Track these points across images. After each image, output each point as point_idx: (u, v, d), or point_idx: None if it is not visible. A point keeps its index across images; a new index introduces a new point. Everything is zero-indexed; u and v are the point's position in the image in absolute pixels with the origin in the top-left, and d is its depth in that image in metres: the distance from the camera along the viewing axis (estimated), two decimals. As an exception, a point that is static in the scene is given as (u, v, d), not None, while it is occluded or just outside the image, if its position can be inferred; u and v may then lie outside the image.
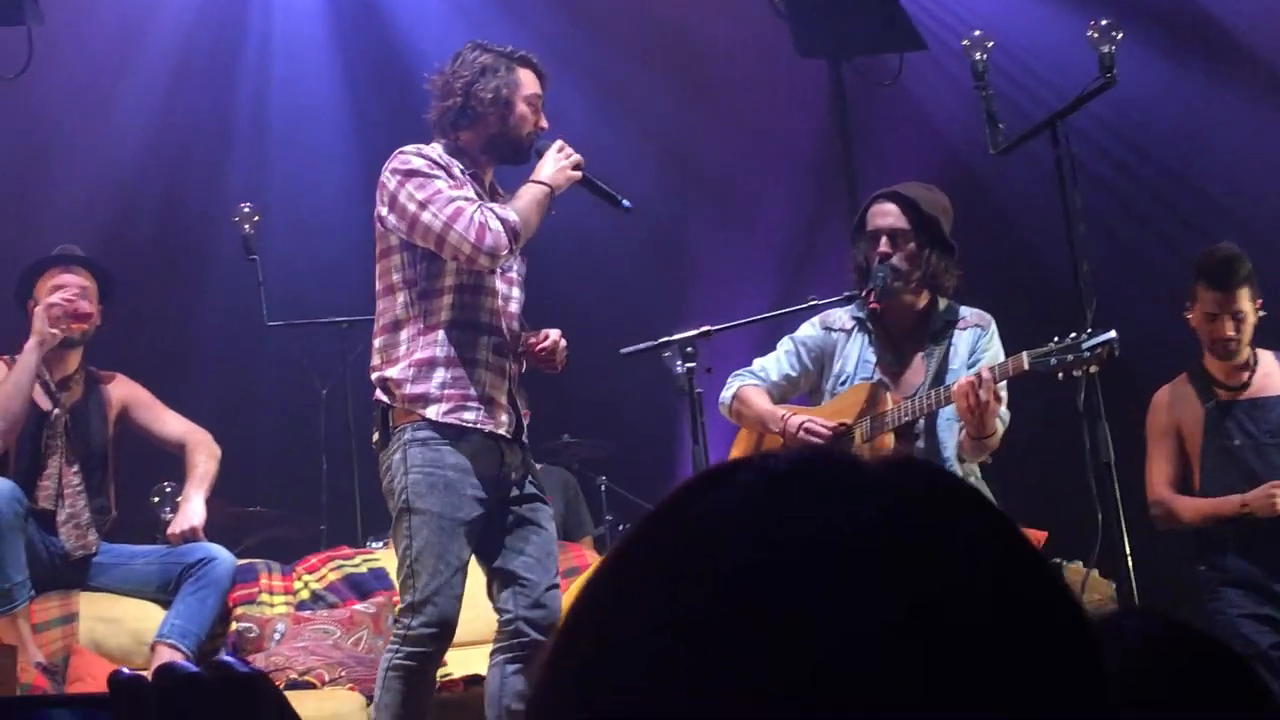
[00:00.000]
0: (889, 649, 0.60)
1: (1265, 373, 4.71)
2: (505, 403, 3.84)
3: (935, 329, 4.23)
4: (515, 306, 3.94)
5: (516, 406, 3.88)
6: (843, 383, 4.27)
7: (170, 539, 4.83)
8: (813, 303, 4.41)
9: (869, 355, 4.26)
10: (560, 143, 3.93)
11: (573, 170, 3.90)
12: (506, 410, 3.84)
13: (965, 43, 4.43)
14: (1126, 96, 5.60)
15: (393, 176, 3.80)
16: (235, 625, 4.85)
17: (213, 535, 4.91)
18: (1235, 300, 4.58)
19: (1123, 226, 6.85)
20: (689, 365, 4.21)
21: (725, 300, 6.24)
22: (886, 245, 4.15)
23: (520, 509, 3.85)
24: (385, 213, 3.82)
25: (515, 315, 3.94)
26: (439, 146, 3.90)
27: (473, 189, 3.86)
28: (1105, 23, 4.15)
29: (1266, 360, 4.72)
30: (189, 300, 7.13)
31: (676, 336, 4.26)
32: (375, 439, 3.87)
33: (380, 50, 7.27)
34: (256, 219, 5.66)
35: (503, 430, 3.81)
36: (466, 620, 4.20)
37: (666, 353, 4.33)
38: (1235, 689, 1.17)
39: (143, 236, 6.97)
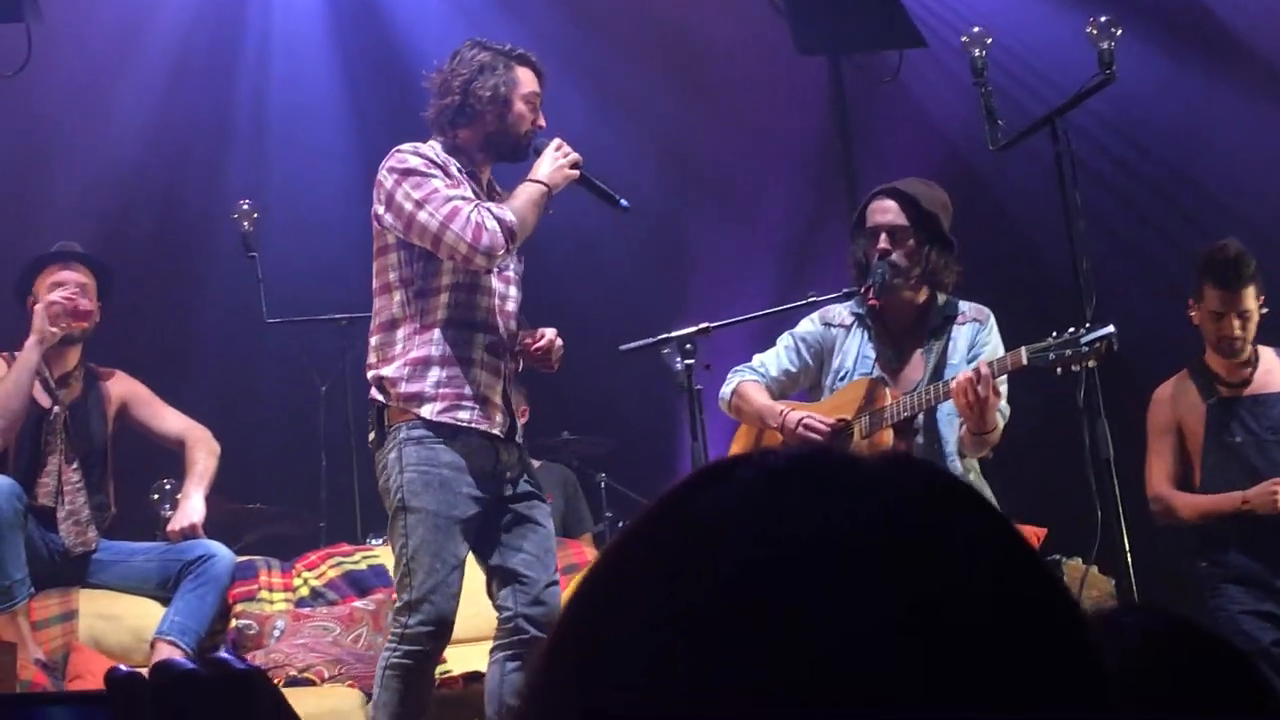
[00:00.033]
0: (889, 646, 0.60)
1: (1266, 369, 4.70)
2: (499, 402, 3.83)
3: (934, 324, 4.23)
4: (513, 305, 3.93)
5: (510, 406, 3.87)
6: (842, 378, 4.27)
7: (170, 536, 4.83)
8: (812, 299, 4.41)
9: (868, 351, 4.26)
10: (558, 141, 3.91)
11: (570, 169, 3.89)
12: (500, 410, 3.83)
13: (964, 39, 4.43)
14: (1126, 93, 5.61)
15: (389, 175, 3.80)
16: (235, 622, 4.85)
17: (212, 532, 4.91)
18: (1242, 299, 4.57)
19: (1122, 223, 6.85)
20: (688, 362, 4.21)
21: (725, 297, 6.23)
22: (886, 242, 4.14)
23: (518, 507, 3.85)
24: (382, 211, 3.81)
25: (513, 314, 3.93)
26: (437, 145, 3.89)
27: (470, 187, 3.85)
28: (1104, 19, 4.15)
29: (1268, 357, 4.71)
30: (188, 297, 7.13)
31: (675, 333, 4.26)
32: (371, 438, 3.87)
33: (380, 49, 7.26)
34: (256, 216, 5.66)
35: (496, 430, 3.80)
36: (466, 617, 4.20)
37: (665, 350, 4.33)
38: (1236, 686, 1.17)
39: (142, 234, 6.96)
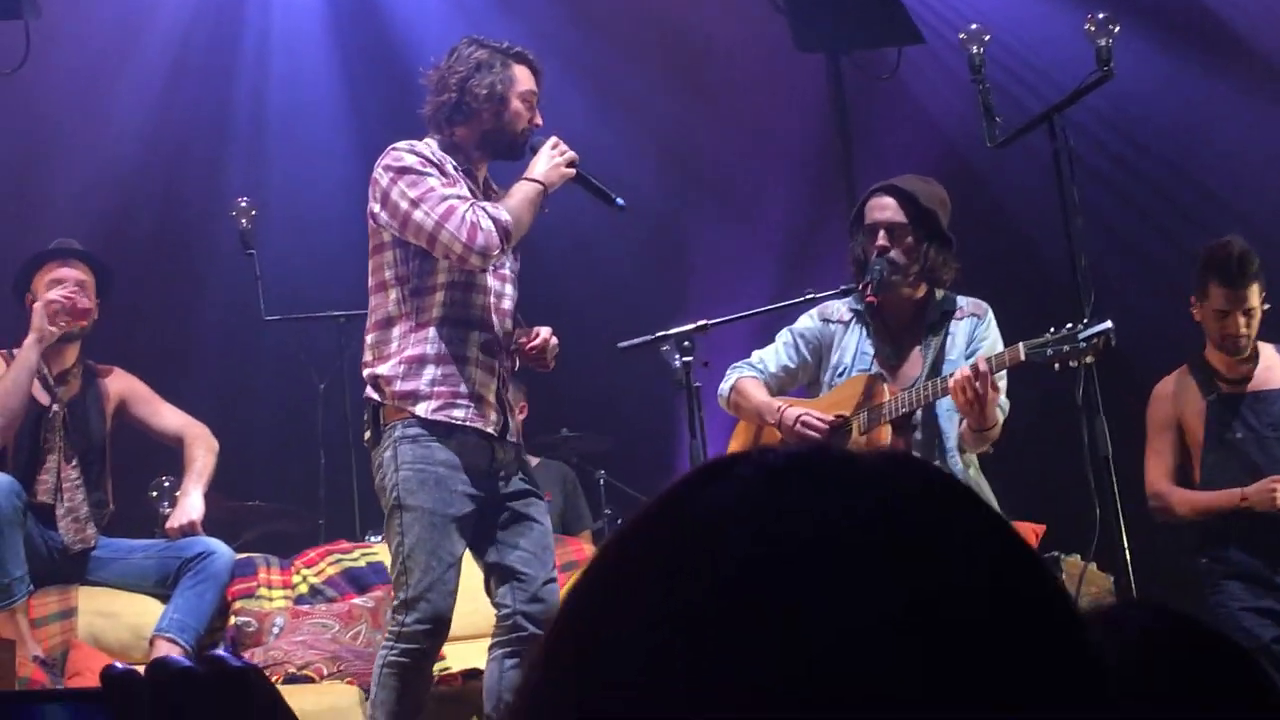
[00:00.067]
0: (887, 643, 0.60)
1: (1267, 365, 4.70)
2: (494, 400, 3.82)
3: (932, 320, 4.22)
4: (508, 304, 3.92)
5: (504, 405, 3.86)
6: (840, 374, 4.26)
7: (169, 533, 4.83)
8: (810, 296, 4.41)
9: (867, 347, 4.25)
10: (554, 139, 3.90)
11: (566, 167, 3.88)
12: (495, 408, 3.82)
13: (962, 36, 4.43)
14: (1124, 90, 5.60)
15: (385, 173, 3.79)
16: (234, 619, 4.85)
17: (211, 529, 4.91)
18: (1248, 297, 4.57)
19: (1121, 220, 6.85)
20: (686, 359, 4.20)
21: (723, 294, 6.23)
22: (884, 239, 4.14)
23: (514, 504, 3.84)
24: (377, 209, 3.80)
25: (508, 312, 3.92)
26: (433, 142, 3.88)
27: (466, 185, 3.84)
28: (1102, 16, 4.15)
29: (1268, 353, 4.70)
30: (187, 295, 7.13)
31: (673, 331, 4.25)
32: (367, 436, 3.87)
33: (379, 47, 7.26)
34: (254, 214, 5.66)
35: (490, 428, 3.79)
36: (465, 614, 4.20)
37: (664, 347, 4.32)
38: (1236, 682, 1.17)
39: (141, 231, 6.96)
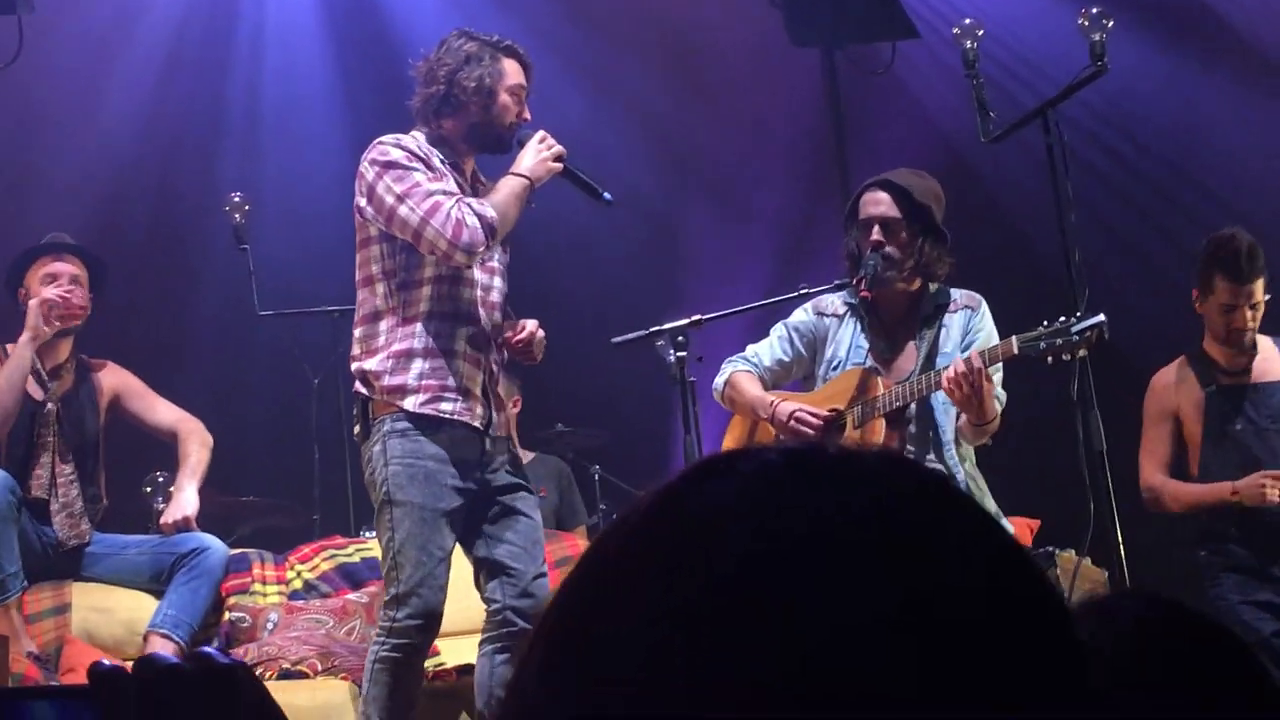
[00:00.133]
0: (882, 641, 0.60)
1: (1265, 357, 4.69)
2: (480, 394, 3.81)
3: (926, 313, 4.22)
4: (497, 296, 3.91)
5: (490, 398, 3.84)
6: (835, 368, 4.26)
7: (163, 529, 4.83)
8: (803, 291, 4.41)
9: (861, 341, 4.25)
10: (542, 133, 3.88)
11: (554, 162, 3.86)
12: (481, 401, 3.81)
13: (956, 31, 4.43)
14: (1119, 85, 5.61)
15: (371, 167, 3.77)
16: (228, 615, 4.85)
17: (205, 525, 4.90)
18: (1254, 291, 4.57)
19: (1115, 214, 6.85)
20: (680, 354, 4.20)
21: (717, 289, 6.23)
22: (879, 234, 4.13)
23: (504, 498, 3.83)
24: (363, 204, 3.79)
25: (497, 305, 3.91)
26: (420, 135, 3.87)
27: (453, 179, 3.82)
28: (1096, 10, 4.15)
29: (1265, 345, 4.70)
30: (181, 289, 7.13)
31: (667, 326, 4.25)
32: (356, 431, 3.86)
33: (373, 41, 7.25)
34: (248, 208, 5.65)
35: (477, 422, 3.78)
36: (460, 609, 4.20)
37: (659, 342, 4.32)
38: (1231, 672, 1.17)
39: (134, 226, 6.96)
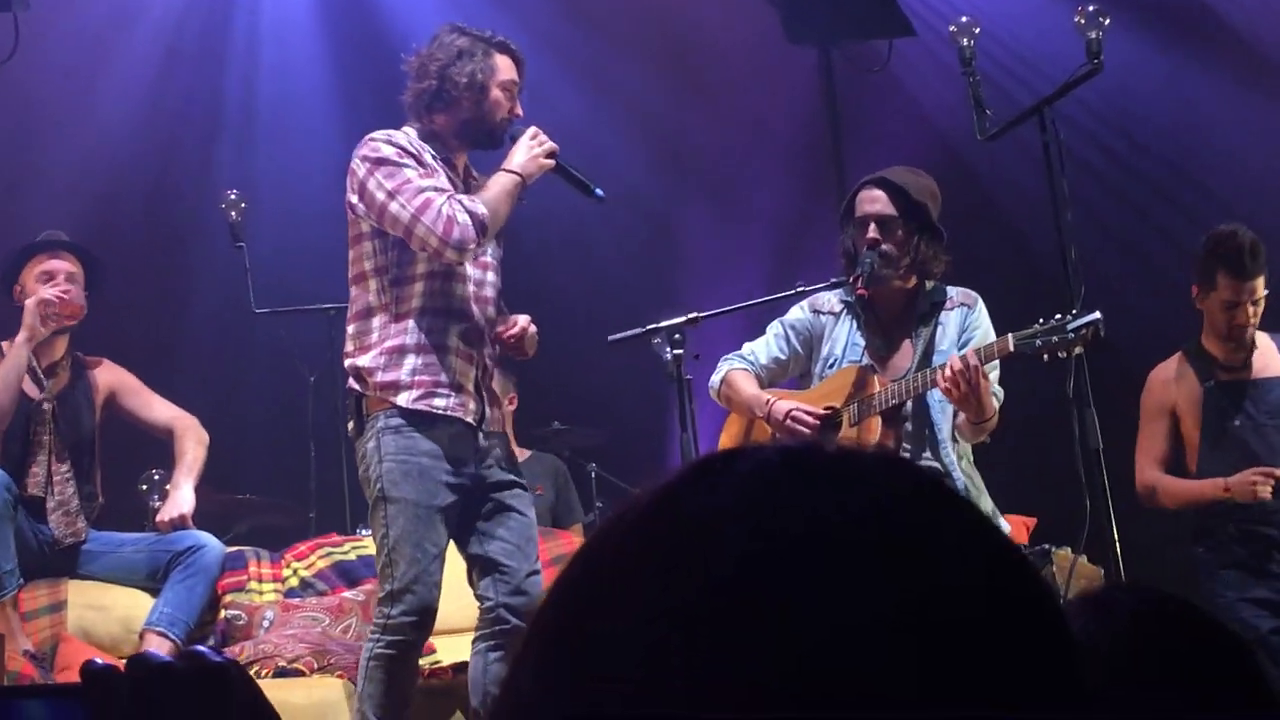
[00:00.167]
0: (879, 641, 0.60)
1: (1264, 353, 4.69)
2: (472, 389, 3.81)
3: (922, 311, 4.22)
4: (490, 291, 3.90)
5: (483, 393, 3.84)
6: (831, 366, 4.26)
7: (159, 526, 4.83)
8: (800, 289, 4.41)
9: (857, 339, 4.25)
10: (534, 129, 3.87)
11: (545, 158, 3.85)
12: (474, 397, 3.81)
13: (953, 29, 4.43)
14: (1115, 83, 5.61)
15: (362, 164, 3.77)
16: (224, 613, 4.84)
17: (201, 523, 4.90)
18: (1256, 287, 4.56)
19: (1111, 212, 6.85)
20: (677, 352, 4.20)
21: (714, 287, 6.22)
22: (875, 232, 4.13)
23: (498, 495, 3.83)
24: (355, 200, 3.79)
25: (490, 300, 3.90)
26: (411, 131, 3.86)
27: (445, 174, 3.82)
28: (1092, 8, 4.15)
29: (1264, 342, 4.70)
30: (176, 287, 7.12)
31: (664, 324, 4.24)
32: (350, 427, 3.86)
33: (370, 38, 7.24)
34: (244, 206, 5.65)
35: (470, 418, 3.78)
36: (457, 608, 4.19)
37: (655, 340, 4.32)
38: (1227, 668, 1.17)
39: (130, 223, 6.95)
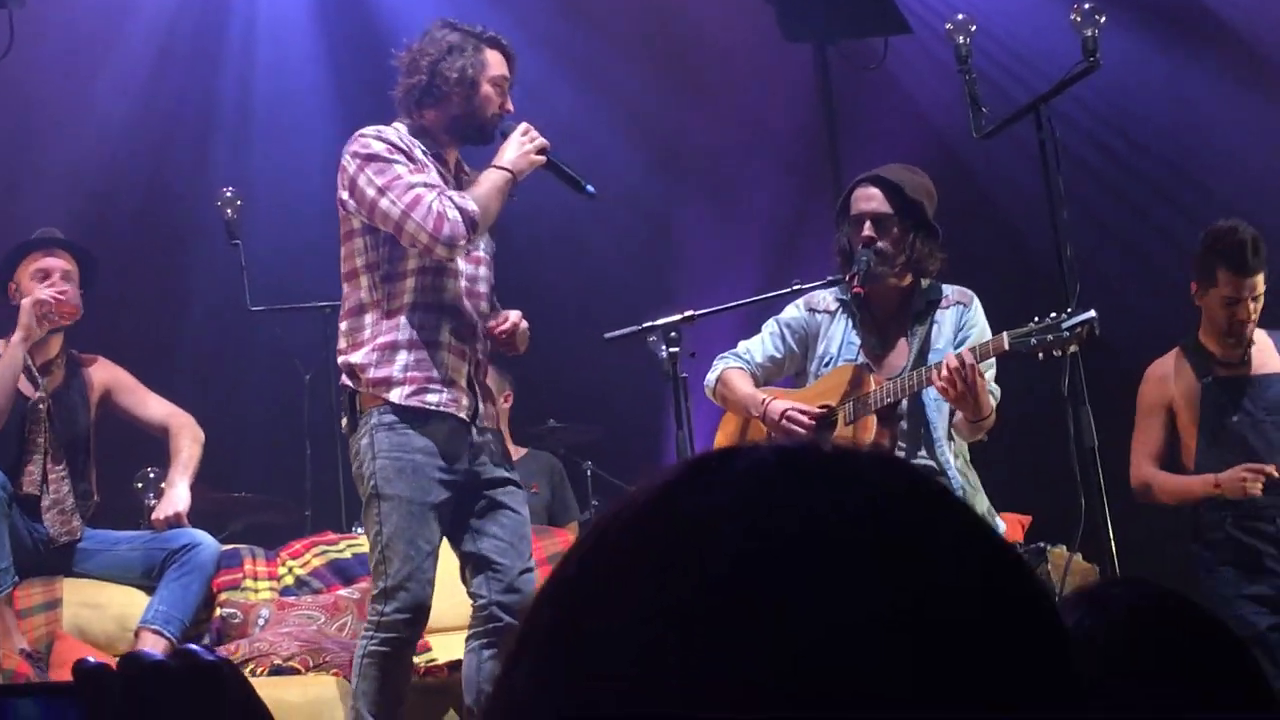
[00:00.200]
0: (876, 640, 0.60)
1: (1261, 349, 4.69)
2: (465, 385, 3.80)
3: (918, 309, 4.22)
4: (483, 287, 3.90)
5: (476, 389, 3.84)
6: (826, 365, 4.26)
7: (155, 524, 4.82)
8: (796, 287, 4.40)
9: (853, 337, 4.25)
10: (525, 125, 3.86)
11: (536, 155, 3.84)
12: (466, 392, 3.80)
13: (949, 26, 4.43)
14: (1111, 80, 5.61)
15: (352, 160, 3.77)
16: (219, 611, 4.84)
17: (197, 521, 4.90)
18: (1257, 283, 4.56)
19: (1107, 210, 6.86)
20: (673, 350, 4.19)
21: (710, 285, 6.22)
22: (870, 229, 4.13)
23: (491, 492, 3.83)
24: (345, 197, 3.79)
25: (484, 295, 3.90)
26: (402, 127, 3.85)
27: (435, 170, 3.81)
28: (1088, 6, 4.15)
29: (1261, 338, 4.70)
30: (172, 285, 7.11)
31: (660, 321, 4.24)
32: (344, 424, 3.86)
33: (365, 35, 7.23)
34: (239, 203, 5.64)
35: (463, 414, 3.78)
36: (452, 605, 4.19)
37: (651, 338, 4.31)
38: (1224, 663, 1.17)
39: (125, 221, 6.94)
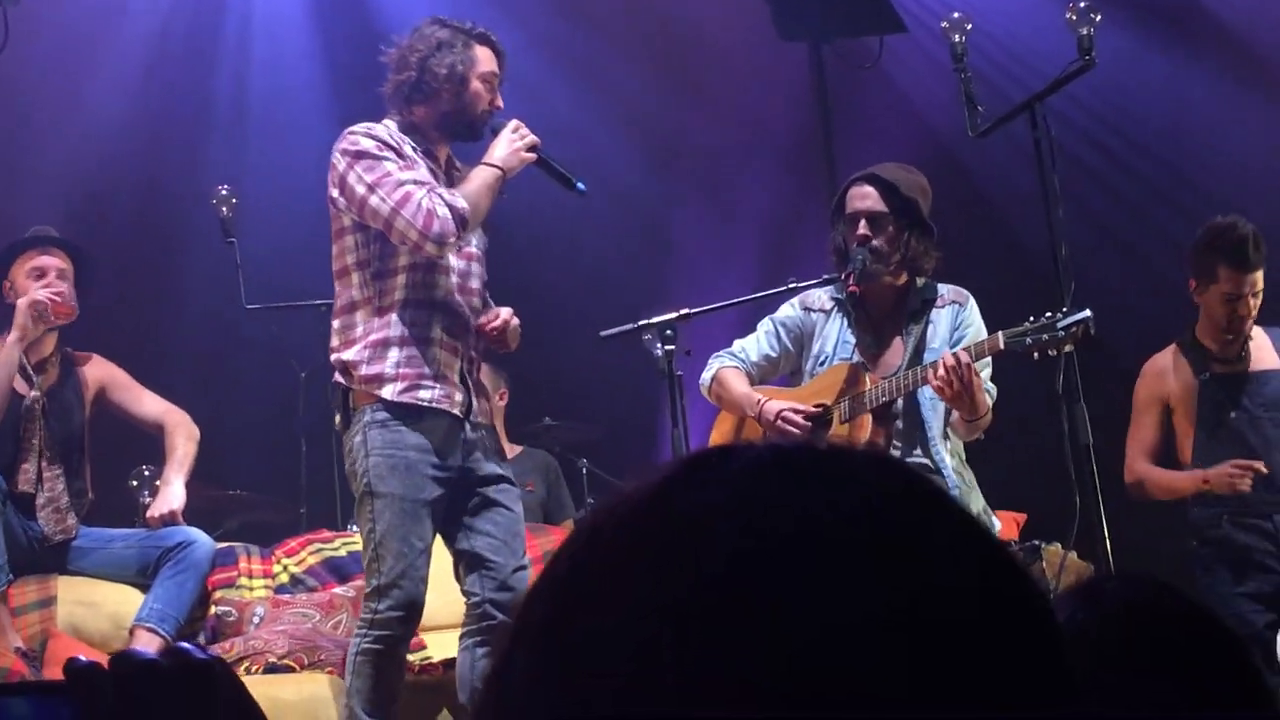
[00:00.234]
0: (871, 640, 0.60)
1: (1258, 346, 4.70)
2: (457, 381, 3.80)
3: (913, 308, 4.23)
4: (475, 283, 3.89)
5: (469, 385, 3.84)
6: (822, 363, 4.27)
7: (149, 522, 4.82)
8: (792, 285, 4.41)
9: (848, 336, 4.25)
10: (515, 122, 3.86)
11: (527, 152, 3.83)
12: (459, 389, 3.80)
13: (944, 25, 4.43)
14: (1107, 79, 5.61)
15: (342, 158, 3.76)
16: (214, 609, 4.84)
17: (192, 519, 4.89)
18: (1257, 280, 4.56)
19: (1103, 209, 6.86)
20: (668, 348, 4.19)
21: (705, 283, 6.23)
22: (865, 228, 4.14)
23: (485, 489, 3.82)
24: (336, 194, 3.79)
25: (476, 291, 3.90)
26: (391, 124, 3.85)
27: (426, 167, 3.81)
28: (1084, 4, 4.15)
29: (1259, 335, 4.70)
30: (167, 283, 7.10)
31: (655, 319, 4.24)
32: (338, 421, 3.86)
33: (361, 33, 7.19)
34: (235, 201, 5.63)
35: (456, 410, 3.78)
36: (447, 603, 4.19)
37: (646, 336, 4.31)
38: (1219, 659, 1.17)
39: (120, 219, 6.93)
